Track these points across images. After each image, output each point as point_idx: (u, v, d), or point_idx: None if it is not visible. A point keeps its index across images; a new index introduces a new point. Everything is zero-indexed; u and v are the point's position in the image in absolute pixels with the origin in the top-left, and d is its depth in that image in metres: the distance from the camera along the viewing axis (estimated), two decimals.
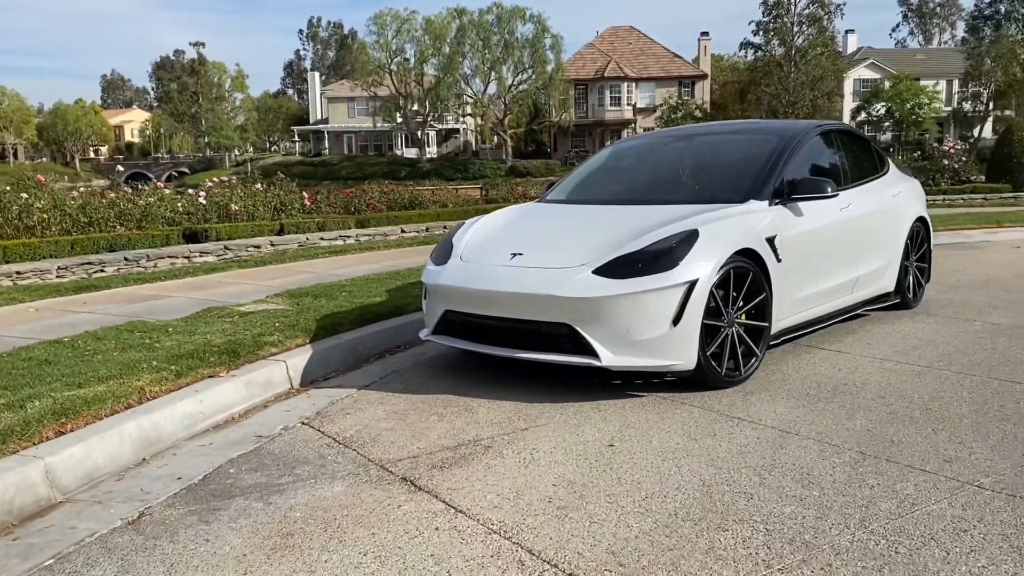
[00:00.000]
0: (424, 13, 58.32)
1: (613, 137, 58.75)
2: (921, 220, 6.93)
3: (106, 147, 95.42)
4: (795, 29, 55.38)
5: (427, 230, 14.26)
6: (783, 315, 5.10)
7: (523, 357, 4.57)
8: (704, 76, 60.66)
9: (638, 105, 58.85)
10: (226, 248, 10.91)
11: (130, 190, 13.79)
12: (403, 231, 13.96)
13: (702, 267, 4.41)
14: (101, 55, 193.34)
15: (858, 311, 6.25)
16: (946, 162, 20.27)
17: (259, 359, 5.05)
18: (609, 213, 5.30)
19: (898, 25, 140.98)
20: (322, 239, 12.19)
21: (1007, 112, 58.80)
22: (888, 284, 6.48)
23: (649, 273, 4.35)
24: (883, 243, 6.35)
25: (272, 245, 11.51)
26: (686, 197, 5.40)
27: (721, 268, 4.50)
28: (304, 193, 14.79)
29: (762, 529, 2.93)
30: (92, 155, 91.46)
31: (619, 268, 4.41)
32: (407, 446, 3.90)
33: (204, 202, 12.58)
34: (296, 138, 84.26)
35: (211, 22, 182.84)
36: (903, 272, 6.61)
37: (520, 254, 4.78)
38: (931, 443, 3.72)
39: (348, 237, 12.62)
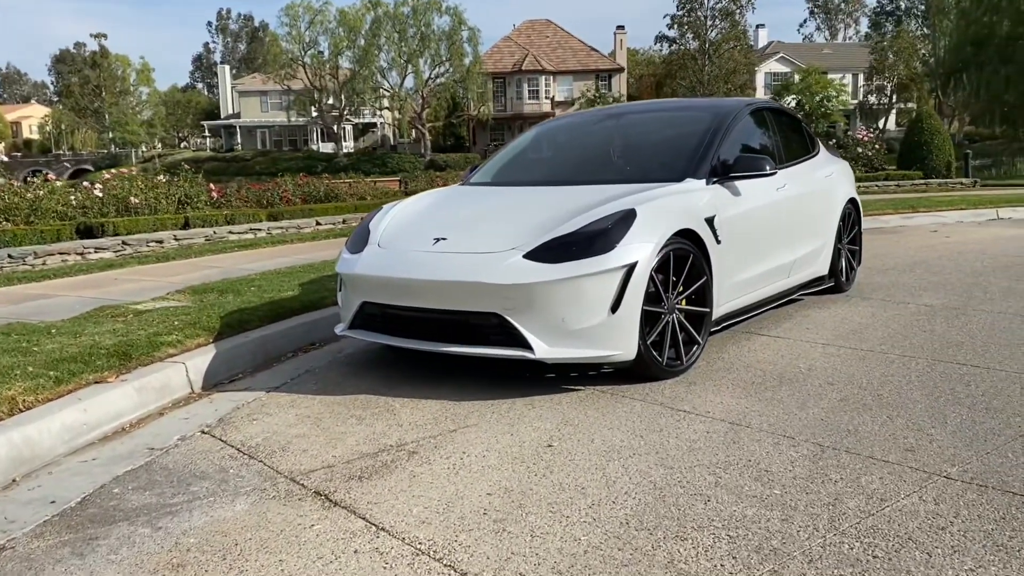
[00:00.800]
0: (338, 4, 57.15)
1: None
2: (852, 202, 6.79)
3: (2, 144, 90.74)
4: (708, 23, 56.20)
5: (344, 222, 13.69)
6: (723, 300, 4.83)
7: (449, 351, 4.18)
8: (621, 69, 61.04)
9: (556, 98, 58.82)
10: (125, 243, 10.17)
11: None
12: (318, 223, 13.36)
13: (641, 249, 4.09)
14: None
15: (793, 296, 6.06)
16: (860, 150, 20.64)
17: (154, 361, 4.53)
18: (538, 195, 4.94)
19: (805, 21, 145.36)
20: (231, 233, 11.50)
21: (909, 104, 60.99)
22: (822, 267, 6.31)
23: (584, 256, 4.01)
24: (817, 225, 6.17)
25: (176, 240, 10.80)
26: (619, 177, 5.08)
27: (661, 250, 4.19)
28: (212, 185, 14.02)
29: (724, 536, 2.61)
30: None
31: (551, 252, 4.06)
32: (321, 454, 3.46)
33: (101, 195, 11.74)
34: (207, 133, 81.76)
35: (114, 13, 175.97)
36: (836, 255, 6.46)
37: (444, 239, 4.38)
38: (889, 431, 3.48)
39: (259, 230, 11.97)
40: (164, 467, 3.42)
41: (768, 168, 4.93)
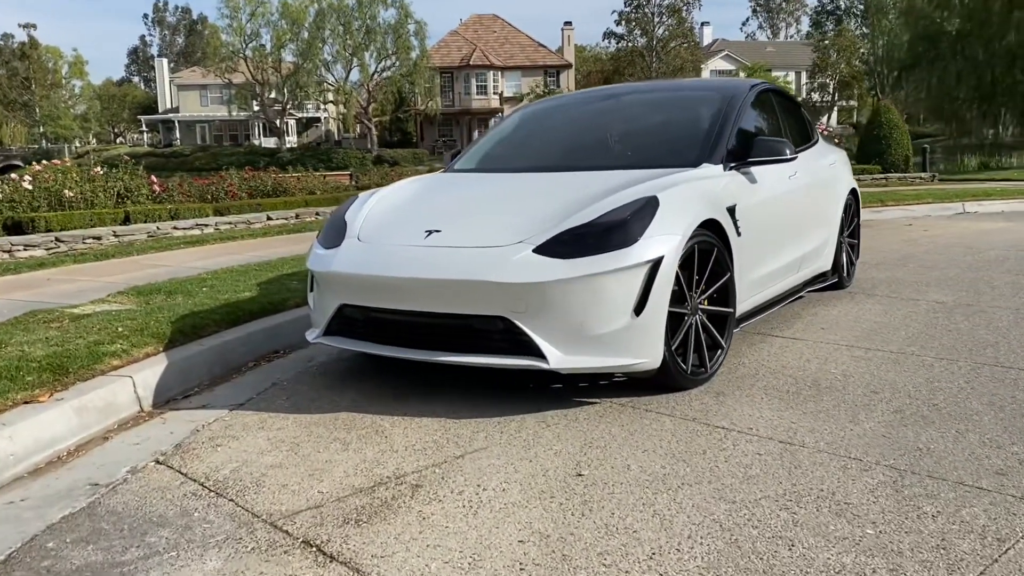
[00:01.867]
0: None
1: (481, 126, 58.12)
2: (853, 192, 6.40)
3: None
4: (656, 19, 56.31)
5: (297, 217, 12.96)
6: (743, 297, 4.35)
7: (447, 361, 3.60)
8: (569, 66, 60.76)
9: (505, 94, 58.30)
10: (58, 240, 9.32)
11: None
12: (269, 218, 12.60)
13: (666, 242, 3.57)
14: None
15: (800, 293, 5.62)
16: None
17: (96, 375, 3.88)
18: (539, 182, 4.38)
19: (747, 19, 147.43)
20: (176, 228, 10.69)
21: (851, 102, 61.99)
22: (826, 263, 5.89)
23: (603, 251, 3.47)
24: (823, 217, 5.74)
25: (116, 236, 9.96)
26: (625, 162, 4.55)
27: (686, 243, 3.68)
28: (153, 178, 13.13)
29: None
30: None
31: (565, 246, 3.51)
32: (305, 490, 2.87)
33: (30, 188, 10.81)
34: (144, 128, 79.33)
35: (45, 4, 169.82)
36: (839, 249, 6.04)
37: (437, 231, 3.80)
38: (965, 450, 3.02)
39: (206, 226, 11.17)
40: (112, 510, 2.79)
41: (788, 152, 4.46)
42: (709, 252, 3.87)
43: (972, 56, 21.45)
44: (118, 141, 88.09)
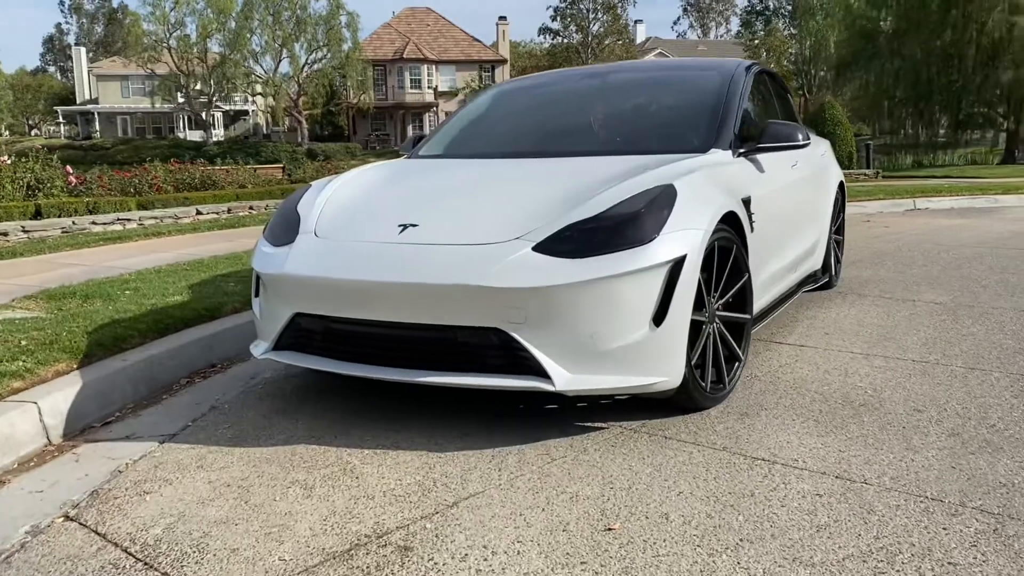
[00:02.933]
0: None
1: (415, 120, 57.19)
2: (840, 186, 5.97)
3: None
4: (591, 15, 56.20)
5: (229, 211, 12.09)
6: (755, 300, 3.84)
7: (430, 382, 2.99)
8: (504, 61, 60.17)
9: (439, 88, 57.43)
10: None
11: None
12: (199, 213, 11.70)
13: (689, 238, 3.03)
14: None
15: (795, 296, 5.15)
16: None
17: None
18: (529, 168, 3.79)
19: (679, 18, 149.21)
20: (95, 223, 9.74)
21: None
22: (817, 261, 5.44)
23: (616, 248, 2.91)
24: (817, 212, 5.30)
25: (25, 232, 8.98)
26: (624, 147, 4.01)
27: (708, 240, 3.14)
28: (69, 169, 12.09)
29: None
30: None
31: (570, 243, 2.94)
32: (263, 557, 2.23)
33: None
34: (61, 120, 75.96)
35: None
36: (828, 246, 5.61)
37: (413, 225, 3.17)
38: None
39: (129, 221, 10.23)
40: None
41: (801, 137, 3.96)
42: (728, 251, 3.35)
43: (909, 55, 21.61)
44: (33, 133, 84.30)
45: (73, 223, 9.51)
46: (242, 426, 3.27)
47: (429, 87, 57.27)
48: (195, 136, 59.54)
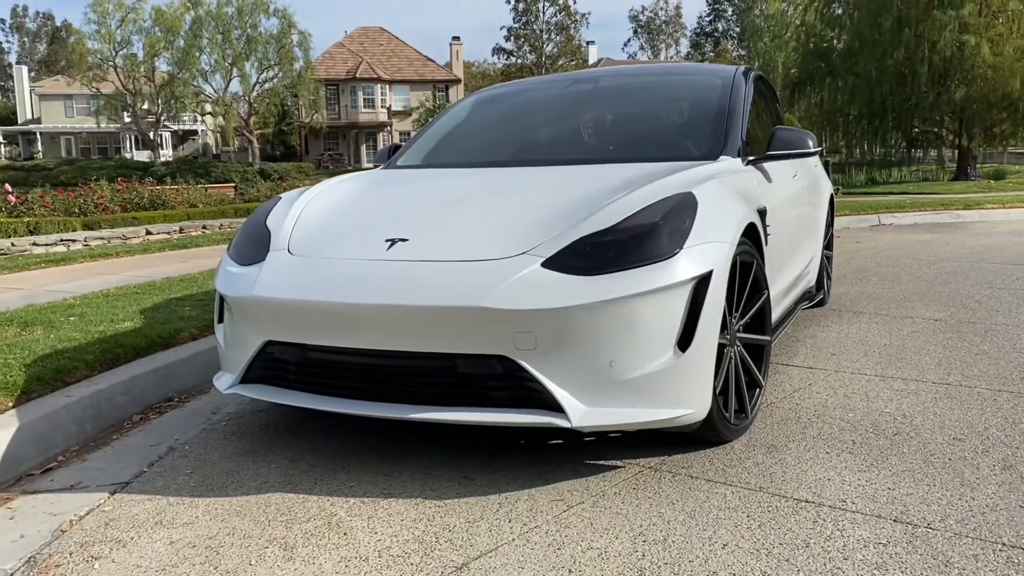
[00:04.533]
0: (153, 2, 52.51)
1: (368, 140, 56.66)
2: (831, 199, 5.74)
3: None
4: (544, 36, 56.40)
5: (181, 231, 11.53)
6: None
7: (427, 419, 2.62)
8: (458, 80, 60.01)
9: (393, 108, 57.01)
10: None
11: None
12: (149, 232, 11.12)
13: (715, 252, 2.71)
14: None
15: (794, 314, 4.87)
16: None
17: None
18: (527, 178, 3.44)
19: (629, 40, 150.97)
20: (36, 244, 9.14)
21: None
22: (812, 278, 5.17)
23: (635, 264, 2.57)
24: (814, 226, 5.04)
25: None
26: (626, 154, 3.69)
27: (733, 254, 2.82)
28: (8, 186, 11.46)
29: None
30: None
31: (582, 258, 2.60)
32: None
33: None
34: (1, 140, 73.84)
35: None
36: (822, 262, 5.35)
37: (403, 240, 2.80)
38: None
39: (73, 241, 9.65)
40: None
41: (811, 144, 3.69)
42: (750, 266, 3.04)
43: (863, 73, 21.81)
44: None
45: (12, 244, 8.90)
46: (206, 471, 2.86)
47: (383, 106, 56.84)
48: (142, 156, 58.22)
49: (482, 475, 2.72)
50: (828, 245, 5.83)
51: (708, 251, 2.69)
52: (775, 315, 3.96)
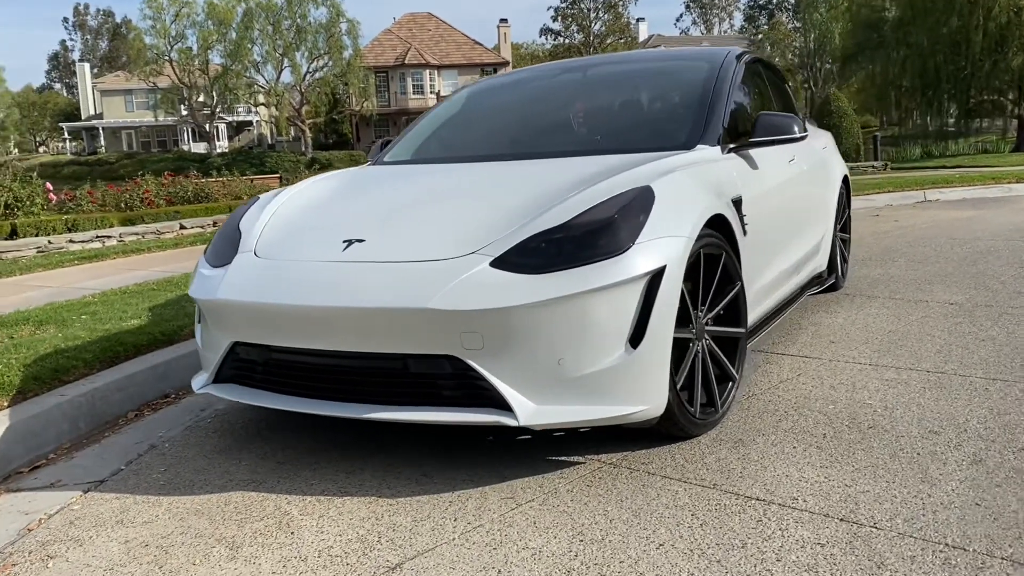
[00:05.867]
0: None
1: None
2: (845, 180, 5.60)
3: None
4: (592, 15, 55.85)
5: (215, 224, 11.75)
6: (748, 313, 3.48)
7: (378, 418, 2.65)
8: (506, 63, 59.88)
9: (442, 92, 57.15)
10: None
11: None
12: (183, 227, 11.37)
13: (669, 246, 2.68)
14: None
15: (800, 299, 4.78)
16: None
17: None
18: (494, 172, 3.44)
19: (681, 15, 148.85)
20: (72, 242, 9.43)
21: None
22: (822, 262, 5.07)
23: (586, 261, 2.56)
24: (820, 209, 4.93)
25: None
26: (601, 145, 3.67)
27: (692, 247, 2.78)
28: (49, 185, 11.82)
29: None
30: None
31: (533, 256, 2.59)
32: None
33: None
34: (67, 136, 76.13)
35: None
36: (834, 245, 5.24)
37: (360, 240, 2.83)
38: None
39: (108, 238, 9.92)
40: None
41: (797, 130, 3.61)
42: (717, 258, 3.00)
43: (916, 43, 21.14)
44: (40, 150, 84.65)
45: (49, 242, 9.21)
46: (179, 469, 2.94)
47: (431, 92, 57.03)
48: (199, 148, 59.54)
49: (441, 473, 2.75)
50: (844, 227, 5.71)
51: (662, 246, 2.65)
52: (771, 302, 3.92)
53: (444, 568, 2.14)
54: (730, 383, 3.12)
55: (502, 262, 2.57)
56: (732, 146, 3.52)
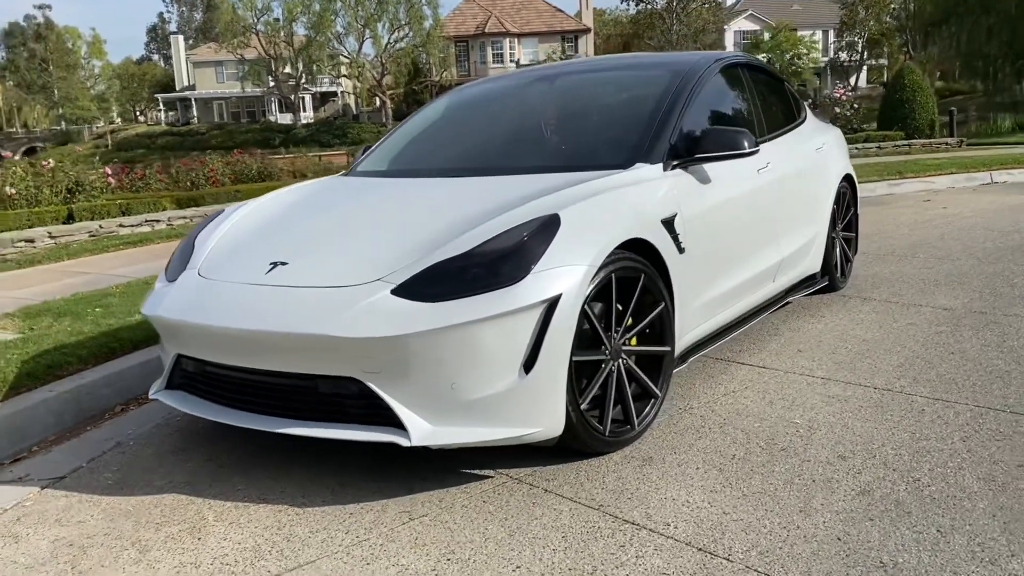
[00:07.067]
0: None
1: None
2: (847, 179, 5.51)
3: None
4: None
5: None
6: (689, 327, 3.56)
7: (289, 432, 2.85)
8: (587, 30, 59.26)
9: (521, 61, 57.01)
10: None
11: None
12: None
13: (567, 275, 2.77)
14: None
15: (783, 301, 4.78)
16: (838, 110, 19.34)
17: None
18: (435, 191, 3.58)
19: None
20: (122, 226, 9.96)
21: (880, 61, 59.89)
22: (814, 263, 5.04)
23: (482, 290, 2.69)
24: (808, 212, 4.89)
25: (51, 237, 9.27)
26: (550, 162, 3.77)
27: (598, 273, 2.88)
28: (108, 169, 12.44)
29: None
30: None
31: (433, 284, 2.73)
32: None
33: None
34: (162, 107, 79.05)
35: None
36: (830, 246, 5.19)
37: (283, 263, 3.03)
38: (946, 567, 2.21)
39: (157, 222, 10.44)
40: None
41: (747, 145, 3.61)
42: (634, 280, 3.07)
43: (1004, 10, 20.07)
44: (139, 120, 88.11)
45: (100, 226, 9.76)
46: (131, 468, 3.21)
47: (511, 60, 56.93)
48: (285, 119, 60.99)
49: (357, 483, 2.93)
50: (848, 227, 5.63)
51: (561, 274, 2.76)
52: (728, 313, 3.97)
53: None
54: (652, 400, 3.21)
55: (403, 289, 2.72)
56: (675, 163, 3.56)
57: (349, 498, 2.83)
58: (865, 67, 60.92)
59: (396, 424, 2.69)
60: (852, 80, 58.60)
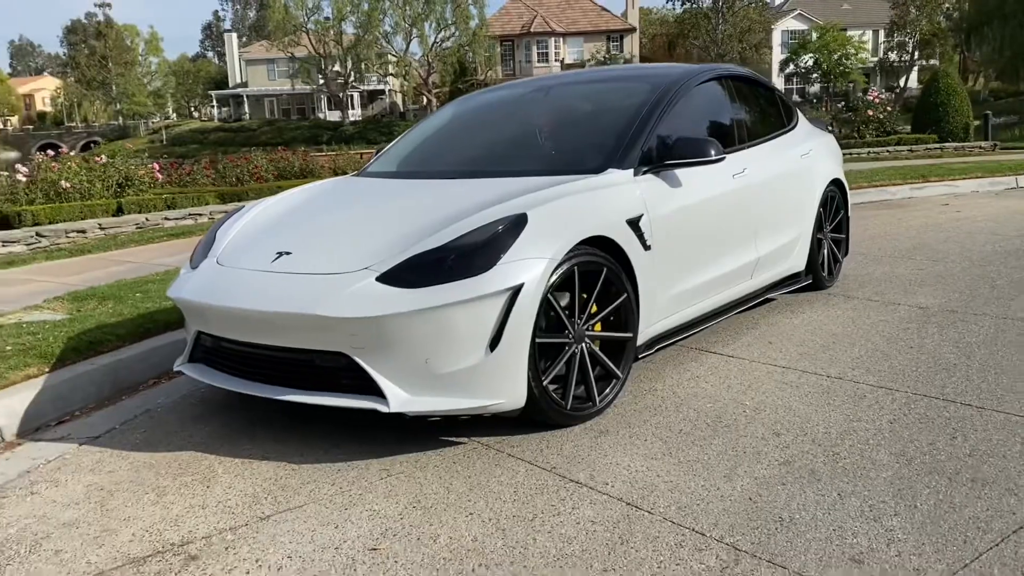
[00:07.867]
0: None
1: None
2: (836, 183, 5.80)
3: (16, 117, 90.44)
4: None
5: None
6: (657, 317, 3.93)
7: (288, 399, 3.29)
8: (632, 29, 59.38)
9: (566, 60, 57.35)
10: (39, 235, 9.30)
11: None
12: None
13: (530, 267, 3.17)
14: (7, 20, 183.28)
15: (766, 296, 5.11)
16: (871, 113, 19.35)
17: None
18: (428, 191, 4.02)
19: None
20: (166, 219, 10.60)
21: (932, 61, 58.94)
22: (798, 263, 5.36)
23: (455, 278, 3.10)
24: (790, 214, 5.21)
25: (102, 229, 9.92)
26: (534, 166, 4.15)
27: (560, 265, 3.28)
28: (156, 164, 13.12)
29: None
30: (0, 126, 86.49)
31: (413, 272, 3.15)
32: (75, 560, 2.60)
33: (24, 179, 10.86)
34: (215, 103, 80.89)
35: None
36: (815, 247, 5.50)
37: (287, 253, 3.48)
38: (835, 522, 2.57)
39: (200, 215, 11.07)
40: None
41: (713, 152, 3.97)
42: (597, 272, 3.46)
43: None
44: (193, 116, 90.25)
45: (147, 219, 10.40)
46: (156, 431, 3.69)
47: (556, 59, 57.27)
48: (334, 116, 62.12)
49: (349, 446, 3.36)
50: (837, 228, 5.92)
51: (524, 267, 3.15)
52: (700, 306, 4.33)
53: (301, 520, 2.76)
54: (613, 381, 3.59)
55: (387, 277, 3.15)
56: (646, 168, 3.93)
57: (339, 457, 3.26)
58: (916, 68, 60.01)
59: (378, 393, 3.12)
60: (902, 81, 57.81)
